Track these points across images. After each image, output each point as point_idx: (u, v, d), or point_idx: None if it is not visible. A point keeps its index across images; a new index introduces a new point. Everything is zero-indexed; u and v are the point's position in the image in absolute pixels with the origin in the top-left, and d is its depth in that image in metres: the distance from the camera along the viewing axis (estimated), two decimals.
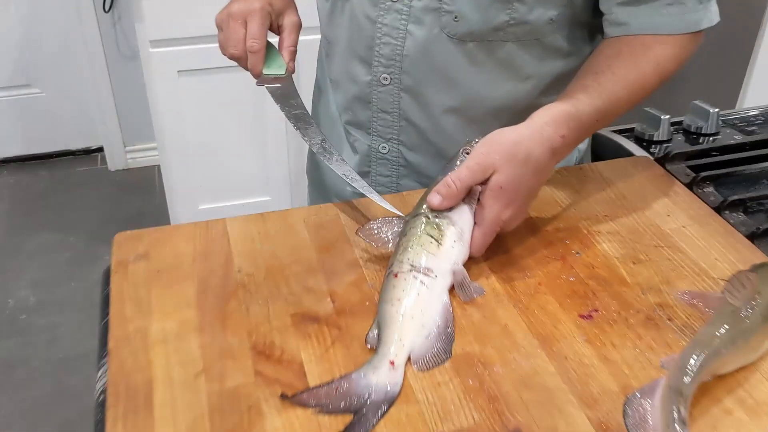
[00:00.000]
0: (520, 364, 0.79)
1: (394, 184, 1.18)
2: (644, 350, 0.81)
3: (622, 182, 1.10)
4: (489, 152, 0.89)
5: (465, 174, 0.89)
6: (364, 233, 0.93)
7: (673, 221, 1.01)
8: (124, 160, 3.30)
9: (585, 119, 0.93)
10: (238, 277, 0.92)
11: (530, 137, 0.90)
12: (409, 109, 1.09)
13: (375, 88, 1.09)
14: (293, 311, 0.87)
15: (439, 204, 0.89)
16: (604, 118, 0.96)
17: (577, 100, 0.94)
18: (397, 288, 0.85)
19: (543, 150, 0.90)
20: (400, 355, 0.79)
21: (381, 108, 1.11)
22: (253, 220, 1.02)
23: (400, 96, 1.08)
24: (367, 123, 1.14)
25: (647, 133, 1.25)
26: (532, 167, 0.89)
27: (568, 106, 0.93)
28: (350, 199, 1.07)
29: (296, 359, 0.80)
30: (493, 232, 0.91)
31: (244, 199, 2.64)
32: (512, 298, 0.88)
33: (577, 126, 0.93)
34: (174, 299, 0.88)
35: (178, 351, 0.81)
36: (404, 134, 1.12)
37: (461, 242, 0.90)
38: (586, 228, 1.00)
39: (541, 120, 0.92)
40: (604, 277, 0.91)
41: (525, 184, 0.90)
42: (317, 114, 1.28)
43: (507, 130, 0.91)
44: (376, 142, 1.15)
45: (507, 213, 0.90)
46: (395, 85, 1.08)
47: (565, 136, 0.91)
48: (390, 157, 1.15)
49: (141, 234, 0.99)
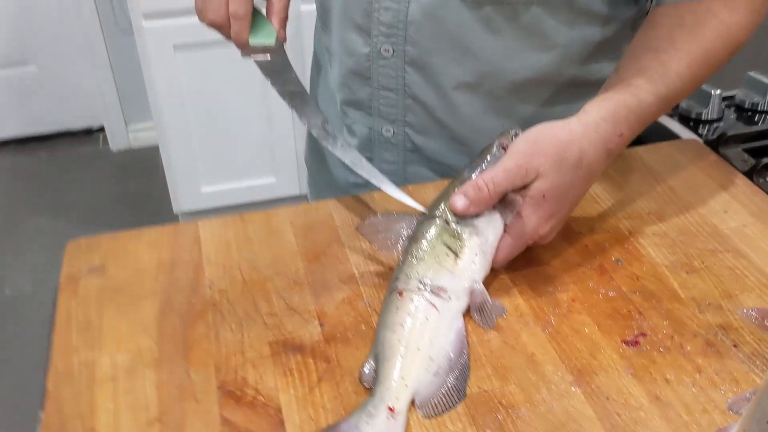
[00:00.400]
0: (551, 407, 0.64)
1: (401, 172, 1.02)
2: (705, 387, 0.65)
3: (669, 171, 0.93)
4: (533, 153, 0.73)
5: (501, 177, 0.73)
6: (365, 230, 0.77)
7: (732, 219, 0.85)
8: (126, 139, 3.16)
9: (646, 112, 0.78)
10: (208, 294, 0.76)
11: (584, 135, 0.74)
12: (416, 86, 0.93)
13: (375, 62, 0.93)
14: (272, 338, 0.71)
15: (465, 209, 0.74)
16: (666, 108, 0.80)
17: (637, 87, 0.78)
18: (401, 310, 0.69)
19: (597, 152, 0.74)
20: (401, 397, 0.64)
21: (383, 84, 0.94)
22: (231, 223, 0.86)
23: (405, 70, 0.92)
24: (367, 102, 0.97)
25: (694, 110, 1.08)
26: (583, 173, 0.74)
27: (627, 96, 0.77)
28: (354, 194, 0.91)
29: (273, 402, 0.65)
30: (523, 247, 0.76)
31: (250, 181, 2.50)
32: (540, 320, 0.73)
33: (637, 121, 0.77)
34: (130, 324, 0.73)
35: (130, 392, 0.67)
36: (411, 114, 0.96)
37: (484, 256, 0.74)
38: (628, 229, 0.84)
39: (596, 114, 0.76)
40: (652, 291, 0.75)
41: (572, 193, 0.75)
42: (316, 94, 1.12)
43: (555, 126, 0.75)
44: (378, 124, 0.98)
45: (546, 227, 0.75)
46: (398, 57, 0.91)
47: (624, 135, 0.76)
48: (395, 140, 0.99)
49: (98, 242, 0.84)
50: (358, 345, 0.70)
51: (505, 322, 0.72)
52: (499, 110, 0.92)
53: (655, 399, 0.64)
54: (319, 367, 0.68)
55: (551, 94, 0.92)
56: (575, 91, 0.92)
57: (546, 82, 0.91)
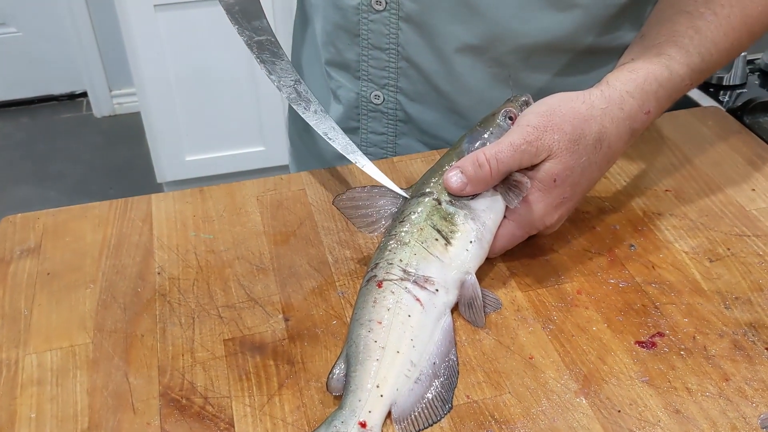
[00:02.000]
0: (552, 421, 0.54)
1: (391, 144, 0.90)
2: (733, 397, 0.55)
3: (688, 143, 0.82)
4: (546, 128, 0.62)
5: (507, 154, 0.62)
6: (342, 204, 0.66)
7: (761, 198, 0.74)
8: (110, 105, 3.04)
9: (677, 86, 0.67)
10: (157, 281, 0.66)
11: (606, 112, 0.64)
12: (411, 46, 0.81)
13: (365, 16, 0.81)
14: (228, 335, 0.61)
15: (461, 188, 0.63)
16: (697, 82, 0.70)
17: (669, 57, 0.67)
18: (379, 304, 0.59)
19: (620, 132, 0.64)
20: (375, 410, 0.54)
21: (373, 43, 0.83)
22: (189, 197, 0.76)
23: (399, 27, 0.80)
24: (355, 63, 0.86)
25: (714, 75, 0.97)
26: (602, 156, 0.64)
27: (658, 68, 0.66)
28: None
29: (224, 413, 0.55)
30: (525, 236, 0.66)
31: (236, 150, 2.39)
32: (540, 315, 0.62)
33: (667, 96, 0.67)
34: (63, 316, 0.63)
35: (57, 398, 0.57)
36: (404, 79, 0.84)
37: (480, 244, 0.63)
38: (642, 209, 0.73)
39: (622, 87, 0.65)
40: (670, 283, 0.65)
41: (587, 178, 0.64)
42: (300, 51, 1.00)
43: (573, 98, 0.64)
44: (366, 89, 0.87)
45: (555, 215, 0.65)
46: (392, 11, 0.79)
47: (651, 113, 0.66)
48: (385, 108, 0.88)
49: (34, 219, 0.73)
50: (327, 344, 0.60)
51: (500, 318, 0.62)
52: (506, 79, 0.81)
53: (675, 413, 0.54)
54: (280, 371, 0.58)
55: (566, 62, 0.81)
56: (593, 60, 0.82)
57: (561, 48, 0.79)
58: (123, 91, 3.04)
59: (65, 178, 2.76)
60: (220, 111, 2.32)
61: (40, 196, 2.68)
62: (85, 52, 2.93)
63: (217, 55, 2.21)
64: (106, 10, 2.84)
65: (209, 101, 2.30)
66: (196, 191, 0.76)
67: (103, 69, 2.98)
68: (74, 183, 2.73)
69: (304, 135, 1.02)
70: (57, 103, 3.15)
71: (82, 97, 3.14)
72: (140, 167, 2.76)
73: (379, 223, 0.66)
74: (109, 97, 3.04)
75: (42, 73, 3.07)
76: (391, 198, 0.67)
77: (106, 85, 3.01)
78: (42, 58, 3.03)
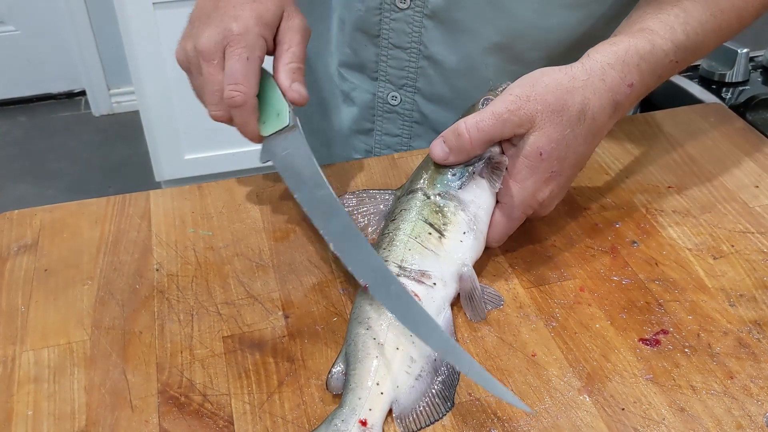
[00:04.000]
0: (556, 419, 0.53)
1: (405, 146, 0.89)
2: (738, 396, 0.55)
3: (690, 139, 0.82)
4: (528, 97, 0.62)
5: (488, 122, 0.62)
6: None
7: (765, 194, 0.74)
8: (108, 104, 3.03)
9: (661, 61, 0.66)
10: (155, 278, 0.65)
11: (588, 83, 0.63)
12: (434, 44, 0.80)
13: (387, 15, 0.80)
14: (227, 332, 0.60)
15: (444, 157, 0.63)
16: (684, 62, 0.69)
17: (652, 32, 0.66)
18: (376, 301, 0.58)
19: (603, 104, 0.63)
20: (376, 408, 0.53)
21: (393, 43, 0.81)
22: (187, 194, 0.75)
23: (423, 25, 0.79)
24: (373, 64, 0.84)
25: (717, 72, 0.97)
26: (586, 128, 0.63)
27: (639, 41, 0.65)
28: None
29: (223, 411, 0.54)
30: (523, 217, 0.65)
31: (234, 148, 2.37)
32: (542, 312, 0.62)
33: (650, 70, 0.65)
34: (61, 313, 0.62)
35: (54, 396, 0.56)
36: (423, 79, 0.83)
37: (474, 234, 0.63)
38: (644, 205, 0.73)
39: (602, 59, 0.64)
40: (674, 280, 0.64)
41: (574, 151, 0.63)
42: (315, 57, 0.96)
43: (554, 70, 0.64)
44: (384, 90, 0.85)
45: (545, 191, 0.63)
46: (417, 8, 0.78)
47: (634, 86, 0.64)
48: (401, 109, 0.86)
49: (32, 215, 0.72)
50: (328, 341, 0.60)
51: (502, 315, 0.62)
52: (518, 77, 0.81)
53: (680, 411, 0.54)
54: (280, 369, 0.57)
55: None
56: None
57: (583, 44, 0.78)
58: (121, 90, 3.02)
59: (63, 176, 2.75)
60: None
61: (38, 194, 2.67)
62: (84, 51, 2.92)
63: None
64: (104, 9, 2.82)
65: None
66: (194, 188, 0.76)
67: (102, 67, 2.96)
68: (72, 181, 2.72)
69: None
70: (55, 101, 3.13)
71: (80, 96, 3.13)
72: (138, 166, 2.75)
73: (372, 225, 0.66)
74: (108, 96, 3.02)
75: (40, 71, 3.05)
76: (382, 200, 0.67)
77: (105, 84, 3.00)
78: (40, 57, 3.02)
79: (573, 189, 0.75)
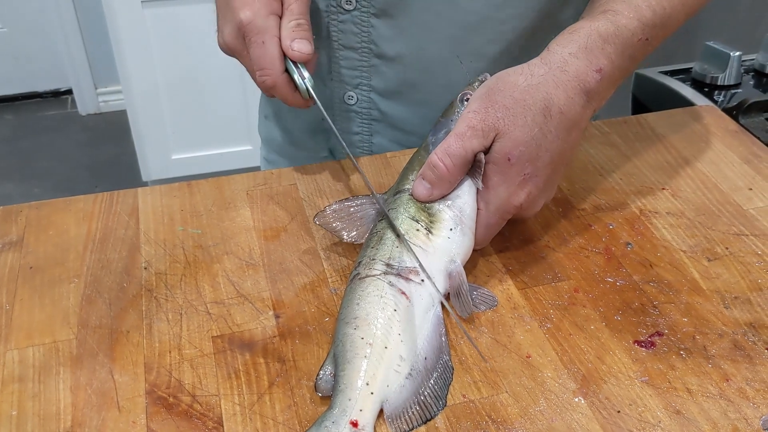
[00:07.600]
0: (551, 422, 0.53)
1: (366, 143, 0.88)
2: (734, 398, 0.54)
3: (683, 141, 0.81)
4: (487, 108, 0.61)
5: (455, 146, 0.61)
6: (323, 220, 0.66)
7: (759, 197, 0.73)
8: (95, 103, 3.01)
9: (629, 41, 0.64)
10: (143, 276, 0.64)
11: (547, 78, 0.62)
12: (385, 42, 0.79)
13: (334, 17, 0.79)
14: (217, 332, 0.59)
15: (428, 194, 0.64)
16: (656, 37, 0.67)
17: (614, 12, 0.65)
18: (363, 301, 0.57)
19: (570, 95, 0.62)
20: (367, 408, 0.52)
21: (344, 44, 0.80)
22: (177, 191, 0.74)
23: (371, 24, 0.78)
24: (326, 66, 0.83)
25: (709, 75, 0.97)
26: (556, 123, 0.61)
27: (600, 24, 0.64)
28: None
29: (212, 412, 0.53)
30: (502, 222, 0.64)
31: (223, 148, 2.36)
32: (537, 313, 0.61)
33: (618, 51, 0.64)
34: (46, 311, 0.61)
35: (39, 396, 0.55)
36: (377, 77, 0.82)
37: (462, 229, 0.62)
38: (638, 207, 0.72)
39: (562, 50, 0.63)
40: (669, 282, 0.64)
41: (547, 150, 0.62)
42: None
43: (511, 72, 0.63)
44: (339, 89, 0.85)
45: (521, 195, 0.62)
46: (363, 9, 0.77)
47: (603, 69, 0.63)
48: (359, 108, 0.85)
49: (17, 210, 0.71)
50: (320, 341, 0.59)
51: (496, 316, 0.61)
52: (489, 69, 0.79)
53: (675, 413, 0.53)
54: (271, 369, 0.56)
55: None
56: None
57: (540, 31, 0.78)
58: (108, 89, 3.01)
59: (49, 175, 2.73)
60: (207, 109, 2.30)
61: (24, 193, 2.65)
62: (71, 49, 2.90)
63: (205, 53, 2.19)
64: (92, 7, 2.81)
65: (196, 99, 2.27)
66: (183, 185, 0.74)
67: (89, 66, 2.94)
68: (59, 180, 2.70)
69: (275, 136, 0.99)
70: (42, 100, 3.11)
71: (67, 95, 3.11)
72: (126, 165, 2.73)
73: (362, 229, 0.65)
74: (95, 95, 3.00)
75: (27, 69, 3.03)
76: (369, 204, 0.66)
77: (92, 83, 2.98)
78: (27, 55, 2.99)
79: (567, 190, 0.74)
